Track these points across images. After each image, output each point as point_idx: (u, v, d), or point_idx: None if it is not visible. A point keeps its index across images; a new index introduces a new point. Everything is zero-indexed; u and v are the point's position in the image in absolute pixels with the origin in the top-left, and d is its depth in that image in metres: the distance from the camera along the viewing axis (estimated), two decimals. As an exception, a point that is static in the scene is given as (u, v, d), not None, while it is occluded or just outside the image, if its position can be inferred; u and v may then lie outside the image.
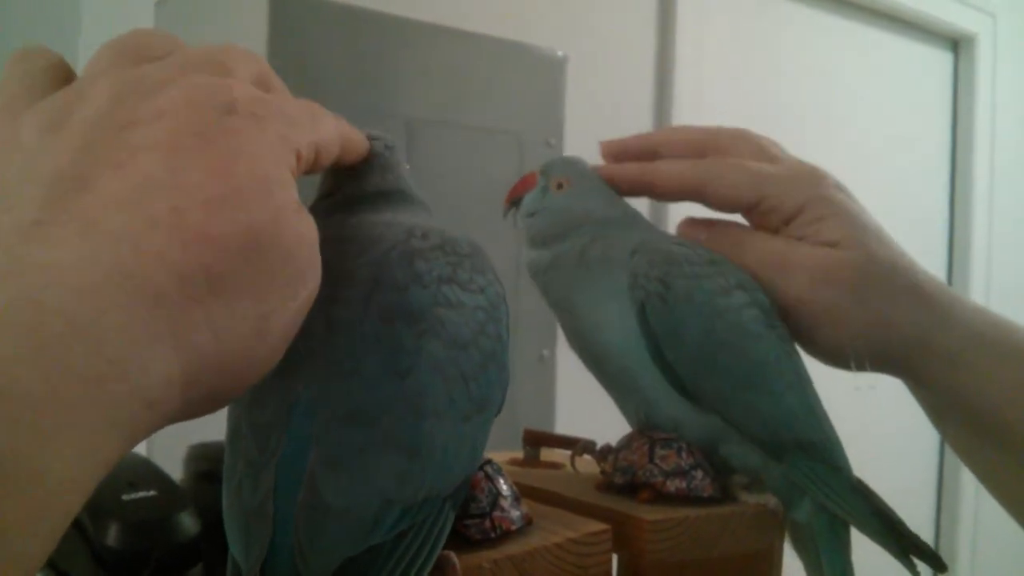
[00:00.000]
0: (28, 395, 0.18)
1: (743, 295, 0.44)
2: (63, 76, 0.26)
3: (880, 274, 0.43)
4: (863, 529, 0.43)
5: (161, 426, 0.22)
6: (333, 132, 0.31)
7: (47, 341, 0.19)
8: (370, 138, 0.40)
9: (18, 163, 0.23)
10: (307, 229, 0.26)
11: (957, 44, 2.20)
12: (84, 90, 0.25)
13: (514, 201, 0.50)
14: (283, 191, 0.25)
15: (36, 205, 0.22)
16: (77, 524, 0.48)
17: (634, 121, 1.55)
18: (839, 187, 0.45)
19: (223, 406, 0.26)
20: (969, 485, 2.10)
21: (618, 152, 0.50)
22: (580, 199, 0.48)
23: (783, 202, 0.44)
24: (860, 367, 0.45)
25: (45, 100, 0.25)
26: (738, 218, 0.49)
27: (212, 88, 0.25)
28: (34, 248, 0.21)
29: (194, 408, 0.24)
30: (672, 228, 0.49)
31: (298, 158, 0.27)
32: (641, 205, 0.50)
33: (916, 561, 0.44)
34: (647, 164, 0.47)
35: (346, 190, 0.37)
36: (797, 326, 0.45)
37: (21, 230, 0.21)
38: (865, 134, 1.91)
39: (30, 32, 0.96)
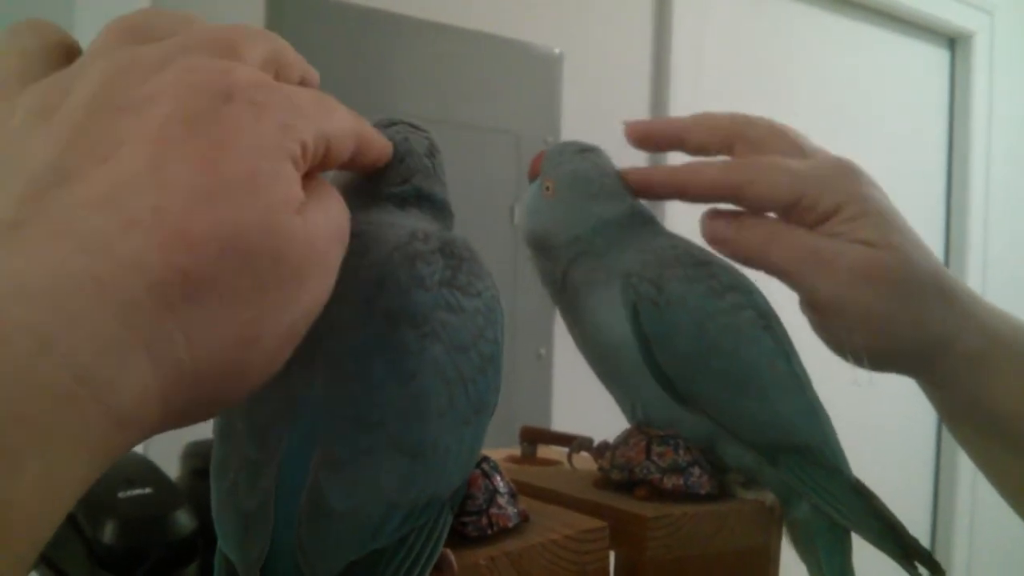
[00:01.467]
0: None
1: (737, 297, 0.44)
2: (64, 55, 0.25)
3: (916, 277, 0.43)
4: (860, 532, 0.43)
5: (138, 442, 0.21)
6: (347, 126, 0.28)
7: (11, 356, 0.18)
8: (390, 124, 0.40)
9: (5, 152, 0.22)
10: (311, 229, 0.24)
11: (954, 42, 2.20)
12: (79, 73, 0.24)
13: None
14: (278, 186, 0.23)
15: (15, 202, 0.21)
16: (73, 521, 0.48)
17: (631, 118, 1.55)
18: (872, 183, 0.45)
19: (215, 414, 0.24)
20: (965, 480, 2.11)
21: (643, 135, 0.49)
22: (559, 212, 0.46)
23: (821, 200, 0.43)
24: (880, 368, 0.45)
25: (40, 83, 0.24)
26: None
27: (210, 71, 0.23)
28: (6, 253, 0.20)
29: (178, 420, 0.22)
30: (669, 225, 0.49)
31: (303, 149, 0.25)
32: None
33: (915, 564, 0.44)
34: (679, 169, 0.46)
35: (363, 187, 0.37)
36: (828, 325, 0.45)
37: None
38: (862, 131, 1.92)
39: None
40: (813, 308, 0.45)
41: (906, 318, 0.43)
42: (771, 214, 0.45)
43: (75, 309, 0.19)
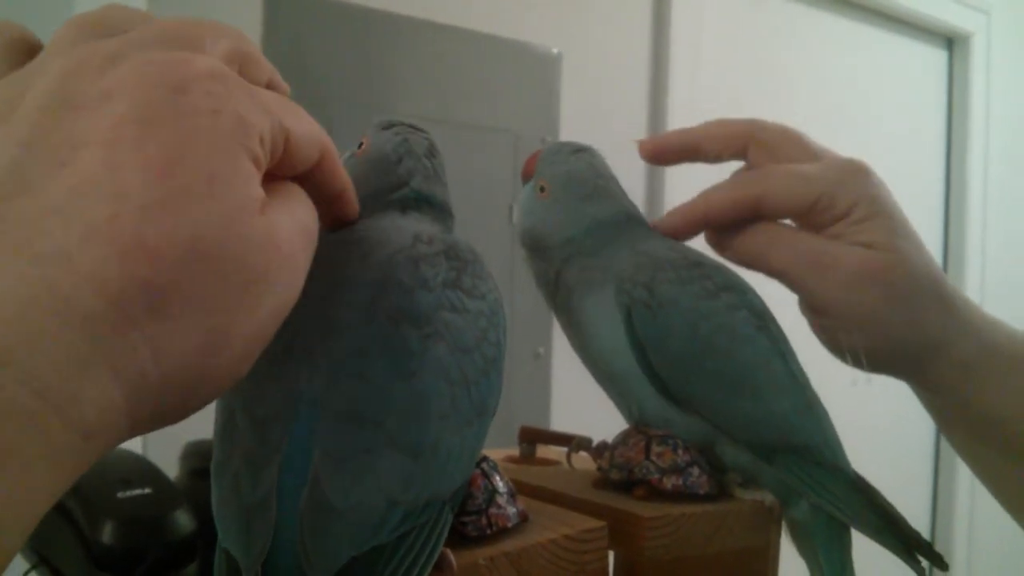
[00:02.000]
0: None
1: (731, 297, 0.44)
2: (27, 53, 0.25)
3: (914, 281, 0.43)
4: (861, 528, 0.43)
5: (106, 451, 0.21)
6: (311, 131, 0.27)
7: None
8: (390, 125, 0.40)
9: None
10: (274, 229, 0.24)
11: (952, 42, 2.20)
12: (37, 71, 0.23)
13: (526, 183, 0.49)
14: (237, 187, 0.23)
15: None
16: (72, 522, 0.48)
17: (629, 118, 1.55)
18: (881, 184, 0.45)
19: (184, 418, 0.24)
20: (964, 479, 2.11)
21: (656, 151, 0.49)
22: (553, 213, 0.46)
23: (835, 203, 0.43)
24: (876, 370, 0.45)
25: None
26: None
27: (164, 65, 0.22)
28: None
29: (146, 428, 0.22)
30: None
31: (262, 145, 0.24)
32: (635, 198, 0.49)
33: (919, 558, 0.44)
34: (696, 202, 0.46)
35: (363, 194, 0.37)
36: (826, 326, 0.45)
37: None
38: (860, 131, 1.92)
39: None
40: (812, 310, 0.45)
41: (902, 321, 0.43)
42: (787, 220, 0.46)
43: (34, 323, 0.19)
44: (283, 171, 0.27)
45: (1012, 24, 2.23)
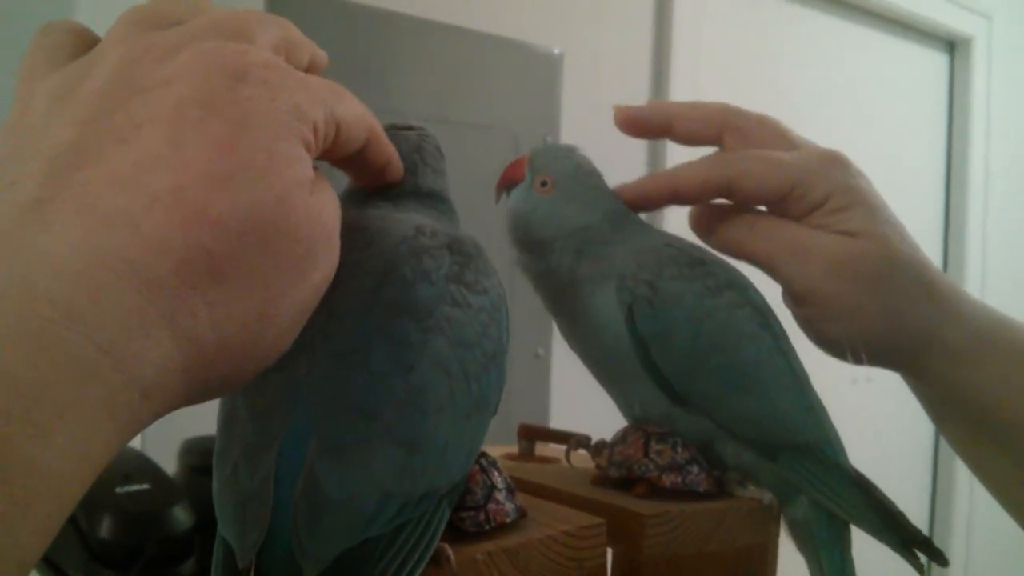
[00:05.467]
0: (17, 382, 0.17)
1: (733, 294, 0.43)
2: (85, 46, 0.26)
3: (897, 268, 0.42)
4: (861, 526, 0.43)
5: (162, 414, 0.22)
6: (358, 113, 0.29)
7: (37, 327, 0.18)
8: (407, 128, 0.40)
9: (26, 135, 0.23)
10: (321, 208, 0.25)
11: (953, 46, 2.20)
12: (97, 59, 0.24)
13: (507, 188, 0.49)
14: (293, 167, 0.24)
15: (37, 181, 0.21)
16: (70, 516, 0.48)
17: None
18: (860, 174, 0.44)
19: (231, 391, 0.25)
20: (964, 478, 2.11)
21: (629, 120, 0.48)
22: (563, 204, 0.46)
23: (810, 192, 0.42)
24: (862, 361, 0.44)
25: (61, 70, 0.25)
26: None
27: (223, 54, 0.24)
28: (30, 229, 0.20)
29: (198, 395, 0.23)
30: (668, 226, 0.49)
31: (315, 132, 0.25)
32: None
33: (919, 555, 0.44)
34: (667, 173, 0.45)
35: (356, 187, 0.37)
36: (807, 315, 0.44)
37: (20, 208, 0.21)
38: (861, 135, 1.92)
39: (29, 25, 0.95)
40: (793, 299, 0.44)
41: (885, 310, 0.42)
42: (761, 207, 0.45)
43: (100, 283, 0.20)
44: (335, 154, 0.29)
45: (1013, 28, 2.23)
